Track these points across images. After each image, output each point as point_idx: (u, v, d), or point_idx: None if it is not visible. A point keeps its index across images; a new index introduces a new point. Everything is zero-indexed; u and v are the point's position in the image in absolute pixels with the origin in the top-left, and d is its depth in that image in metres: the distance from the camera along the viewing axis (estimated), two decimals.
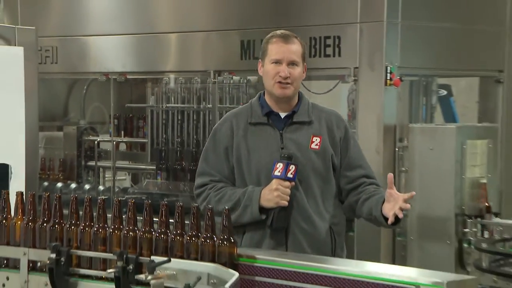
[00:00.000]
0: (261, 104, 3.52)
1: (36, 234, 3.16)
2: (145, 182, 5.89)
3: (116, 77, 5.74)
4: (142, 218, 2.94)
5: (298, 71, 3.44)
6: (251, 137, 3.48)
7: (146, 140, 5.79)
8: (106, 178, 6.14)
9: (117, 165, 5.95)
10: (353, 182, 3.50)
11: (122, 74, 5.74)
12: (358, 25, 4.67)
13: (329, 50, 4.77)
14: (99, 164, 6.09)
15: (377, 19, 4.63)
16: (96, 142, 6.10)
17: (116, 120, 5.99)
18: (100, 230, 3.01)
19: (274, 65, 3.43)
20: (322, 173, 3.47)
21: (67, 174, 6.14)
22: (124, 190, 5.91)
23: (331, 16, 4.77)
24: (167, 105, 5.63)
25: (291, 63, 3.43)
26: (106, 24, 5.85)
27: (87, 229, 3.04)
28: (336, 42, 4.74)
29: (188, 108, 5.53)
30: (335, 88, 5.18)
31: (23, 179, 3.79)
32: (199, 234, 2.84)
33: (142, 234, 2.93)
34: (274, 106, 3.50)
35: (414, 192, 3.29)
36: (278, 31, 3.52)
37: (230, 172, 3.49)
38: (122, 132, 6.01)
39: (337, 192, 3.53)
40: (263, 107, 3.50)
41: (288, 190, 3.35)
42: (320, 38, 4.71)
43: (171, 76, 5.64)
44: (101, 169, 6.14)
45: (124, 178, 6.36)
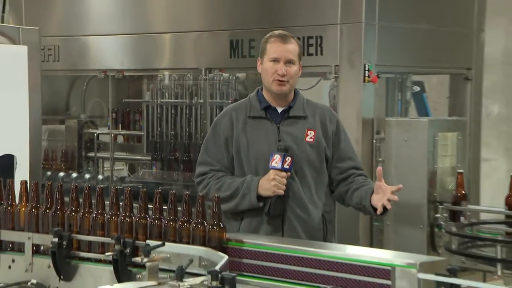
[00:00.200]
0: (259, 99, 3.52)
1: (39, 219, 3.17)
2: (141, 171, 5.88)
3: (114, 74, 5.72)
4: (137, 205, 2.94)
5: (294, 69, 3.45)
6: (250, 130, 3.47)
7: (142, 132, 5.77)
8: (105, 168, 6.13)
9: (115, 156, 5.94)
10: (343, 173, 3.51)
11: (119, 71, 5.71)
12: (339, 26, 4.67)
13: (311, 49, 4.77)
14: (99, 155, 6.08)
15: (356, 21, 4.63)
16: (95, 134, 6.09)
17: (114, 114, 5.97)
18: (98, 216, 3.02)
19: (272, 63, 3.44)
20: (316, 164, 3.48)
21: (69, 164, 6.12)
22: (121, 179, 5.91)
23: (314, 17, 4.76)
24: (162, 100, 5.62)
25: (288, 62, 3.44)
26: (105, 24, 5.83)
27: (87, 215, 3.04)
28: (318, 42, 4.73)
29: (181, 103, 5.52)
30: (318, 84, 5.19)
31: (27, 169, 3.78)
32: (191, 220, 2.85)
33: (137, 220, 2.93)
34: (271, 101, 3.50)
35: (401, 185, 3.32)
36: (276, 32, 3.53)
37: (229, 162, 3.49)
38: (120, 125, 6.00)
39: (328, 182, 3.54)
40: (261, 102, 3.51)
41: (284, 180, 3.35)
42: (303, 38, 4.70)
43: (165, 73, 5.62)
44: (100, 159, 6.12)
45: (122, 168, 6.35)
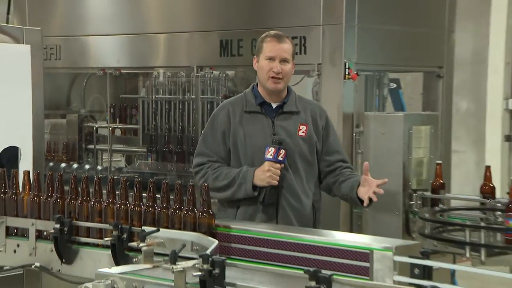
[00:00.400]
0: (254, 94, 3.50)
1: (41, 207, 3.16)
2: (137, 162, 5.87)
3: (112, 71, 5.70)
4: (133, 193, 2.94)
5: (288, 67, 3.44)
6: (247, 124, 3.46)
7: (138, 126, 5.75)
8: (103, 159, 6.11)
9: (113, 148, 5.92)
10: (331, 165, 3.52)
11: (117, 69, 5.69)
12: (321, 27, 4.67)
13: (296, 49, 4.76)
14: (98, 147, 6.06)
15: (337, 22, 4.63)
16: (94, 128, 6.07)
17: (112, 109, 5.95)
18: (96, 204, 3.01)
19: (268, 61, 3.42)
20: (307, 157, 3.48)
21: (70, 155, 6.10)
22: (119, 170, 5.89)
23: (298, 19, 4.76)
24: (156, 96, 5.61)
25: (283, 60, 3.42)
26: (103, 25, 5.81)
27: (85, 203, 3.03)
28: (302, 42, 4.72)
29: (174, 98, 5.51)
30: (302, 81, 5.19)
31: (31, 160, 3.76)
32: (182, 208, 2.84)
33: (133, 207, 2.93)
34: (266, 97, 3.49)
35: (386, 179, 3.33)
36: (272, 32, 3.52)
37: (226, 153, 3.47)
38: (117, 119, 5.97)
39: (317, 173, 3.54)
40: (257, 98, 3.49)
41: (278, 171, 3.35)
42: None
43: (160, 70, 5.61)
44: (99, 151, 6.10)
45: (119, 159, 6.33)
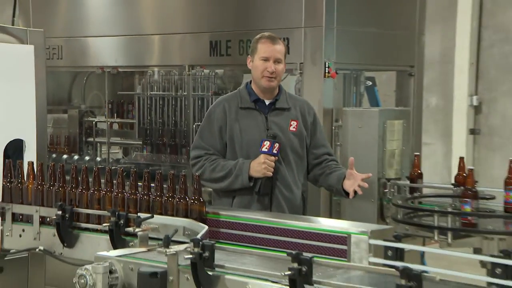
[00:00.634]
0: (248, 92, 3.47)
1: (44, 195, 3.14)
2: (133, 154, 5.84)
3: (110, 70, 5.66)
4: (129, 183, 2.92)
5: (281, 67, 3.43)
6: (242, 119, 3.43)
7: (134, 121, 5.72)
8: (102, 151, 6.07)
9: (111, 140, 5.88)
10: (318, 158, 3.51)
11: (114, 67, 5.65)
12: (303, 29, 4.66)
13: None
14: (97, 140, 6.01)
15: (317, 25, 4.61)
16: (94, 122, 6.02)
17: (110, 104, 5.90)
18: (95, 192, 2.99)
19: (262, 61, 3.40)
20: (298, 150, 3.47)
21: (71, 148, 6.06)
22: (117, 161, 5.86)
23: (282, 21, 4.74)
24: (151, 92, 5.58)
25: (277, 61, 3.41)
26: (102, 27, 5.77)
27: (85, 191, 3.01)
28: (285, 43, 4.70)
29: (167, 95, 5.48)
30: (285, 79, 5.15)
31: (35, 152, 3.73)
32: (175, 196, 2.83)
33: (129, 195, 2.91)
34: (260, 94, 3.47)
35: (370, 174, 3.37)
36: (266, 33, 3.49)
37: (222, 147, 3.44)
38: (115, 114, 5.92)
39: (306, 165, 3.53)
40: (251, 95, 3.47)
41: (273, 164, 3.33)
42: None
43: (154, 69, 5.58)
44: (98, 144, 6.06)
45: (117, 151, 6.29)
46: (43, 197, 3.13)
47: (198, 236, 2.49)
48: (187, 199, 2.80)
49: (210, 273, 2.32)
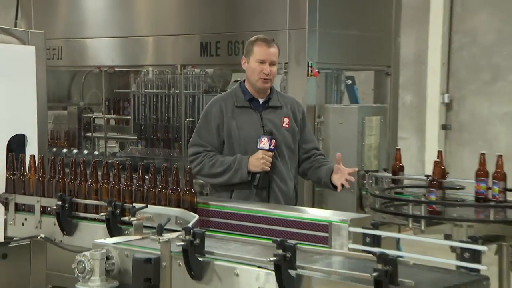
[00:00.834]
0: (243, 91, 3.45)
1: (45, 186, 3.12)
2: (129, 148, 5.81)
3: (106, 69, 5.62)
4: (124, 175, 2.90)
5: (276, 69, 3.44)
6: (238, 117, 3.41)
7: (130, 117, 5.67)
8: (100, 146, 6.04)
9: (108, 135, 5.84)
10: (307, 152, 3.51)
11: (111, 67, 5.62)
12: (287, 31, 4.65)
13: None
14: (95, 135, 5.97)
15: (301, 27, 4.61)
16: (92, 118, 5.97)
17: (107, 102, 5.86)
18: (93, 184, 2.97)
19: (258, 63, 3.38)
20: (291, 146, 3.46)
21: (70, 142, 6.01)
22: (113, 154, 5.82)
23: (268, 24, 4.72)
24: (145, 90, 5.54)
25: (272, 63, 3.39)
26: (99, 29, 5.73)
27: (83, 183, 3.00)
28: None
29: (161, 93, 5.45)
30: None
31: (36, 146, 3.70)
32: (168, 187, 2.82)
33: (125, 187, 2.89)
34: (254, 93, 3.45)
35: (357, 168, 3.41)
36: (261, 36, 3.47)
37: (219, 144, 3.41)
38: (112, 111, 5.89)
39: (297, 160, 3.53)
40: (245, 94, 3.44)
41: (270, 159, 3.32)
42: None
43: (149, 68, 5.55)
44: (96, 138, 6.02)
45: (113, 145, 6.26)
46: (44, 188, 3.11)
47: (190, 224, 2.48)
48: (179, 190, 2.79)
49: (201, 259, 2.31)
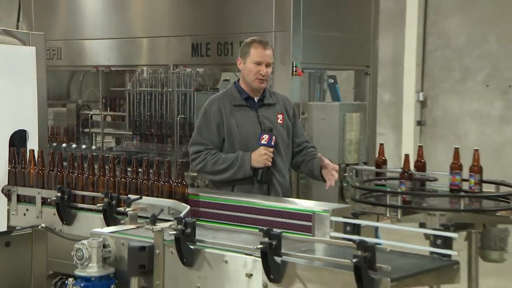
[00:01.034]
0: (238, 90, 3.42)
1: (45, 179, 3.10)
2: (125, 143, 5.78)
3: (103, 69, 5.60)
4: (119, 168, 2.88)
5: (270, 70, 3.42)
6: (237, 115, 3.37)
7: (125, 113, 5.65)
8: (97, 141, 6.01)
9: (105, 131, 5.82)
10: (299, 146, 3.51)
11: (108, 67, 5.60)
12: (273, 33, 4.64)
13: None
14: (92, 130, 5.94)
15: (286, 29, 4.61)
16: (89, 115, 5.94)
17: (104, 99, 5.83)
18: (90, 177, 2.95)
19: (255, 65, 3.35)
20: (286, 141, 3.44)
21: (69, 137, 5.98)
22: (110, 149, 5.80)
23: (255, 26, 4.72)
24: (140, 89, 5.51)
25: (267, 64, 3.37)
26: (97, 31, 5.70)
27: (81, 176, 2.98)
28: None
29: (154, 91, 5.43)
30: None
31: (37, 141, 3.67)
32: (160, 179, 2.81)
33: (120, 179, 2.87)
34: (250, 92, 3.42)
35: (337, 166, 3.42)
36: (256, 38, 3.43)
37: (219, 142, 3.37)
38: (108, 108, 5.86)
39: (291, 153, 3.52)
40: (241, 93, 3.42)
41: (271, 154, 3.29)
42: None
43: (143, 68, 5.53)
44: (93, 134, 5.99)
45: (110, 140, 6.23)
46: (44, 180, 3.09)
47: (181, 214, 2.47)
48: (171, 182, 2.78)
49: (192, 247, 2.31)
